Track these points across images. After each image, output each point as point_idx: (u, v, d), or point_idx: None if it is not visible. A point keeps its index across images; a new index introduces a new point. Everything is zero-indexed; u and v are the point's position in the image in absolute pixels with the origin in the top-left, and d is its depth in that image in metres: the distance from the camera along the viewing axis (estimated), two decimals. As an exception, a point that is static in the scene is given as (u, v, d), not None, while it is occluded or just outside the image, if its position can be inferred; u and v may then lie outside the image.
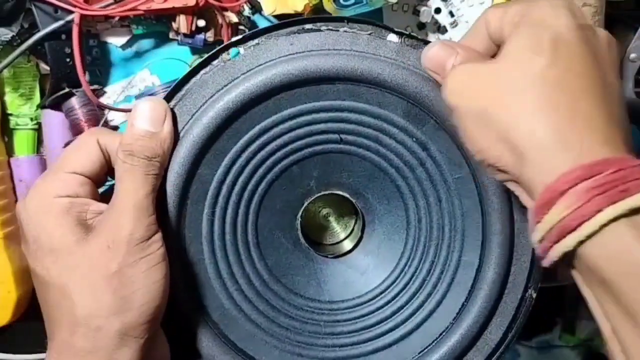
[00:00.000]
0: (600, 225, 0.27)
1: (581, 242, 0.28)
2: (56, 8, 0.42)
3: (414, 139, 0.40)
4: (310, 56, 0.38)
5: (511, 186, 0.33)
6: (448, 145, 0.40)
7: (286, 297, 0.42)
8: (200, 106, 0.38)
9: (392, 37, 0.40)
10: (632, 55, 0.50)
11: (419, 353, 0.41)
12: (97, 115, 0.47)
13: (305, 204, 0.43)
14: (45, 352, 0.36)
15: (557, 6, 0.32)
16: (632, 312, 0.27)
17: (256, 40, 0.39)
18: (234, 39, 0.39)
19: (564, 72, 0.30)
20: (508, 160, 0.31)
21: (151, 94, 0.45)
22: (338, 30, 0.39)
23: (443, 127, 0.39)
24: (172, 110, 0.38)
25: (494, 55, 0.35)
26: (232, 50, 0.39)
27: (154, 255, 0.35)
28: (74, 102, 0.46)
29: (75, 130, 0.46)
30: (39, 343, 0.46)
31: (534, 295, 0.42)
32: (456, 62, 0.35)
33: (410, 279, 0.43)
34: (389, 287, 0.43)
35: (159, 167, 0.37)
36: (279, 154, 0.40)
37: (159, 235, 0.36)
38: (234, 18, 0.46)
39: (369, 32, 0.39)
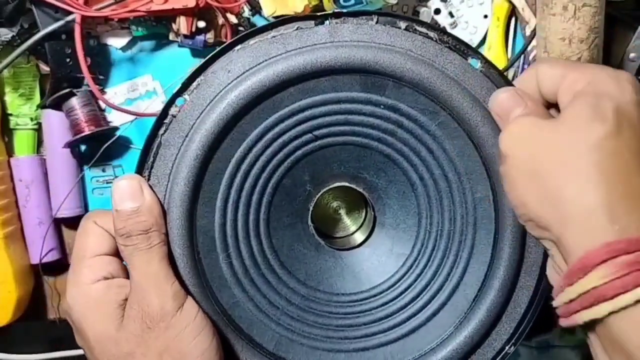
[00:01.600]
0: (636, 300, 0.28)
1: (611, 313, 0.28)
2: (56, 8, 0.43)
3: (382, 107, 0.40)
4: (249, 76, 0.38)
5: (546, 244, 0.33)
6: (421, 100, 0.39)
7: (329, 300, 0.42)
8: (172, 166, 0.38)
9: (322, 22, 0.39)
10: (632, 55, 0.50)
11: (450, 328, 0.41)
12: (97, 115, 0.47)
13: (310, 208, 0.43)
14: (45, 352, 0.36)
15: (622, 80, 0.32)
16: None
17: (196, 82, 0.38)
18: (175, 90, 0.38)
19: (623, 145, 0.30)
20: (551, 220, 0.31)
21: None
22: (267, 39, 0.39)
23: (404, 84, 0.39)
24: (147, 179, 0.38)
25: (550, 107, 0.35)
26: (178, 101, 0.38)
27: (194, 325, 0.35)
28: (74, 102, 0.46)
29: (76, 130, 0.46)
30: (39, 343, 0.46)
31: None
32: (522, 113, 0.34)
33: (433, 250, 0.42)
34: (414, 261, 0.43)
35: (159, 235, 0.37)
36: (263, 178, 0.40)
37: (190, 302, 0.36)
38: (233, 19, 0.46)
39: (295, 28, 0.39)
